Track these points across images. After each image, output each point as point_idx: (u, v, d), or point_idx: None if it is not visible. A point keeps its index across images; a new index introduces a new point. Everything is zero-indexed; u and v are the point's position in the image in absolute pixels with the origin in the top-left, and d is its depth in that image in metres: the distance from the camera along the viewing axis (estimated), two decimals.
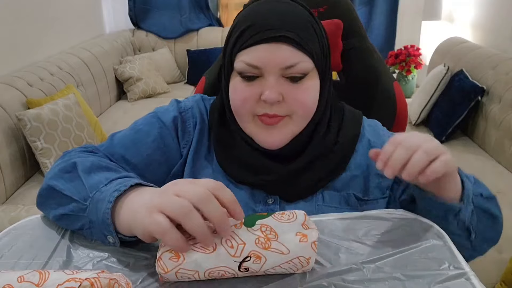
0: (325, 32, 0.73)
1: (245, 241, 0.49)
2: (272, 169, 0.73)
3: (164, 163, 0.77)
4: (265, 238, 0.49)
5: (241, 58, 0.68)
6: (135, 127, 0.78)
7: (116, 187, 0.58)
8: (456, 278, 0.50)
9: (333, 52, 1.12)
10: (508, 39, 2.57)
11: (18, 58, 2.42)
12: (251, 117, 0.70)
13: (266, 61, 0.66)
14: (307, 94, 0.69)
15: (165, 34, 3.77)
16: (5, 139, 1.92)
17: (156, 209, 0.50)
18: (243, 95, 0.69)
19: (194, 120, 0.79)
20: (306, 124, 0.72)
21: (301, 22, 0.68)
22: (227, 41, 0.72)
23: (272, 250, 0.49)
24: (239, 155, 0.74)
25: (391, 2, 3.55)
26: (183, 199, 0.49)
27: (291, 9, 0.68)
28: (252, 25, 0.66)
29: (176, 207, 0.48)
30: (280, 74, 0.67)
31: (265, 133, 0.71)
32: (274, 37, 0.65)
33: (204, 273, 0.50)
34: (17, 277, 0.44)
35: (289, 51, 0.66)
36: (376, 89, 1.09)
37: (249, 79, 0.68)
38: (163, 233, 0.48)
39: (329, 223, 0.62)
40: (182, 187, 0.51)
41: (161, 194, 0.52)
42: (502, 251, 1.55)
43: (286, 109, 0.69)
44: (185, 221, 0.48)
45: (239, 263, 0.49)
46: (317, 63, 0.69)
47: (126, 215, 0.55)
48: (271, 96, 0.66)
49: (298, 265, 0.50)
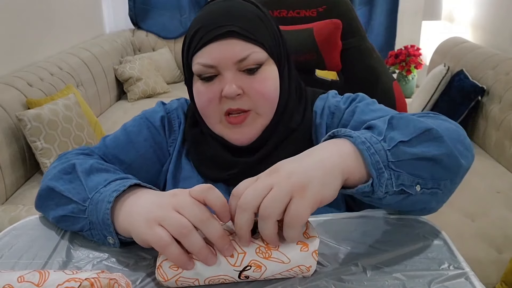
0: (274, 20, 0.75)
1: (245, 250, 0.49)
2: (239, 162, 0.74)
3: (157, 161, 0.80)
4: (266, 247, 0.49)
5: (196, 60, 0.70)
6: (126, 129, 0.81)
7: (115, 188, 0.58)
8: (456, 278, 0.50)
9: (332, 52, 1.12)
10: (508, 39, 2.57)
11: (18, 58, 2.42)
12: (218, 117, 0.72)
13: (219, 59, 0.68)
14: (266, 83, 0.70)
15: (165, 34, 3.78)
16: (5, 139, 1.92)
17: (156, 221, 0.49)
18: (205, 96, 0.71)
19: (179, 120, 0.82)
20: (274, 114, 0.73)
21: (246, 15, 0.69)
22: (183, 47, 0.74)
23: (272, 260, 0.49)
24: (210, 153, 0.76)
25: (391, 2, 3.55)
26: (183, 217, 0.48)
27: (235, 5, 0.70)
28: (201, 26, 0.69)
29: (177, 226, 0.48)
30: (236, 68, 0.69)
31: (234, 131, 0.72)
32: (221, 34, 0.67)
33: (204, 281, 0.50)
34: (17, 277, 0.44)
35: (239, 44, 0.68)
36: (376, 89, 1.09)
37: (208, 80, 0.70)
38: (164, 247, 0.48)
39: (329, 223, 0.62)
40: (182, 202, 0.50)
41: (160, 207, 0.51)
42: (502, 251, 1.55)
43: (249, 102, 0.70)
44: (185, 240, 0.48)
45: (239, 272, 0.49)
46: (270, 52, 0.71)
47: (124, 218, 0.56)
48: (230, 90, 0.67)
49: (298, 272, 0.50)
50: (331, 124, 0.76)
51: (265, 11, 0.74)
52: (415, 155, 0.53)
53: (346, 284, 0.50)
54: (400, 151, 0.52)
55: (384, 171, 0.51)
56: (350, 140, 0.53)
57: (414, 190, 0.54)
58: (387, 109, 0.72)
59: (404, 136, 0.53)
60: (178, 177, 0.80)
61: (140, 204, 0.55)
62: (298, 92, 0.79)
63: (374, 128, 0.56)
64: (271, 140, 0.74)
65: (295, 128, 0.75)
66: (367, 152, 0.51)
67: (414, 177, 0.53)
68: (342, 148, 0.52)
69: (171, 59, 3.72)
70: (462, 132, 0.60)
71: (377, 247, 0.56)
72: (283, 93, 0.74)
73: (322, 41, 1.10)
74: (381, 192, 0.52)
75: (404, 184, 0.53)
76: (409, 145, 0.53)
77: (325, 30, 1.09)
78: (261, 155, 0.73)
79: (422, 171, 0.54)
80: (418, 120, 0.56)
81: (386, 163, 0.51)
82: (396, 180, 0.52)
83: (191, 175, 0.79)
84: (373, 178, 0.51)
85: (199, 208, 0.49)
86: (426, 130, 0.54)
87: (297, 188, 0.46)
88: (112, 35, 3.60)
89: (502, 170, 2.09)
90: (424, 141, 0.54)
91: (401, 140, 0.53)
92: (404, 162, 0.52)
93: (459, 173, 0.58)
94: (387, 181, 0.51)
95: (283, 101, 0.74)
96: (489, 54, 2.50)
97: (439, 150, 0.54)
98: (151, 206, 0.52)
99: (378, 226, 0.61)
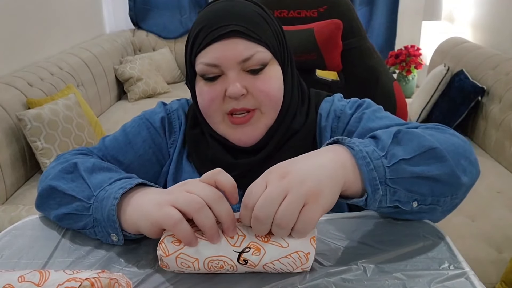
0: (277, 21, 0.74)
1: (245, 233, 0.50)
2: (240, 164, 0.74)
3: (156, 163, 0.80)
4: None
5: (200, 60, 0.69)
6: (125, 130, 0.80)
7: (122, 185, 0.59)
8: (456, 278, 0.50)
9: (333, 52, 1.12)
10: (508, 39, 2.57)
11: (19, 58, 2.42)
12: (220, 116, 0.71)
13: (223, 58, 0.67)
14: (270, 83, 0.70)
15: (165, 34, 3.78)
16: (6, 139, 1.92)
17: (167, 203, 0.51)
18: (208, 96, 0.70)
19: (179, 121, 0.82)
20: (278, 114, 0.73)
21: (249, 15, 0.69)
22: (186, 47, 0.73)
23: (271, 243, 0.50)
24: (210, 155, 0.76)
25: (391, 2, 3.55)
26: (195, 196, 0.50)
27: (238, 5, 0.70)
28: (204, 26, 0.68)
29: (189, 201, 0.49)
30: (240, 68, 0.68)
31: (238, 131, 0.72)
32: (225, 33, 0.66)
33: (204, 262, 0.50)
34: (18, 277, 0.44)
35: (243, 44, 0.67)
36: (376, 89, 1.09)
37: (211, 80, 0.69)
38: (174, 224, 0.49)
39: (329, 223, 0.62)
40: (193, 186, 0.52)
41: (170, 192, 0.53)
42: (502, 251, 1.55)
43: (253, 101, 0.70)
44: (197, 215, 0.49)
45: (238, 253, 0.49)
46: (274, 52, 0.70)
47: (133, 211, 0.56)
48: (235, 90, 0.67)
49: (297, 261, 0.50)
50: (336, 128, 0.76)
51: (268, 11, 0.73)
52: (415, 173, 0.53)
53: (346, 284, 0.50)
54: (400, 168, 0.53)
55: (379, 187, 0.52)
56: (351, 153, 0.54)
57: (410, 206, 0.55)
58: (393, 117, 0.73)
59: (407, 153, 0.54)
60: (178, 178, 0.79)
61: (149, 198, 0.56)
62: (301, 93, 0.78)
63: (378, 140, 0.57)
64: (272, 141, 0.73)
65: (298, 129, 0.75)
66: (366, 168, 0.52)
67: (412, 194, 0.54)
68: (344, 159, 0.53)
69: (172, 59, 3.72)
70: (468, 147, 0.61)
71: (377, 247, 0.56)
72: (287, 93, 0.74)
73: (322, 41, 1.10)
74: (374, 206, 0.54)
75: (399, 201, 0.54)
76: (410, 164, 0.53)
77: (325, 30, 1.09)
78: (263, 156, 0.73)
79: (421, 188, 0.54)
80: (424, 137, 0.56)
81: (383, 179, 0.52)
82: (391, 196, 0.53)
83: (192, 176, 0.78)
84: (367, 194, 0.52)
85: (210, 189, 0.51)
86: (430, 148, 0.55)
87: (311, 195, 0.47)
88: (112, 35, 3.60)
89: (502, 170, 2.09)
90: (427, 159, 0.54)
91: (402, 158, 0.53)
92: (402, 180, 0.53)
93: (460, 189, 0.58)
94: (381, 196, 0.53)
95: (287, 102, 0.74)
96: (489, 54, 2.50)
97: (441, 170, 0.55)
98: (161, 194, 0.54)
99: (378, 226, 0.61)
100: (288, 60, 0.75)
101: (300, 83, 0.79)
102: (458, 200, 0.59)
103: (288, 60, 0.75)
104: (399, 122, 0.68)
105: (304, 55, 1.13)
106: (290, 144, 0.74)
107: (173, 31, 3.77)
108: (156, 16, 3.77)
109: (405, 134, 0.57)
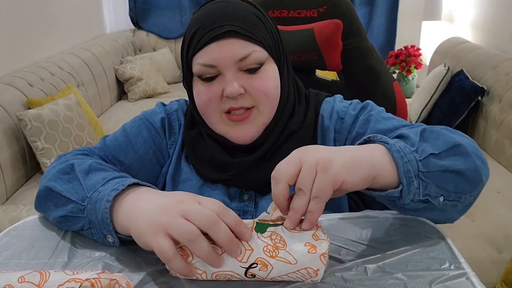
0: (272, 20, 0.75)
1: (253, 247, 0.49)
2: (238, 163, 0.74)
3: (156, 163, 0.80)
4: (273, 247, 0.49)
5: (196, 61, 0.69)
6: (125, 130, 0.80)
7: (114, 187, 0.58)
8: (457, 278, 0.50)
9: (333, 52, 1.12)
10: (508, 39, 2.56)
11: (19, 58, 2.42)
12: (218, 115, 0.71)
13: (219, 58, 0.67)
14: (267, 82, 0.70)
15: (165, 34, 3.78)
16: (6, 139, 1.92)
17: (162, 230, 0.49)
18: (206, 96, 0.70)
19: (179, 122, 0.82)
20: (275, 112, 0.73)
21: (244, 15, 0.69)
22: (182, 49, 0.73)
23: (279, 259, 0.48)
24: (208, 154, 0.76)
25: (391, 2, 3.55)
26: (190, 224, 0.48)
27: (234, 5, 0.70)
28: (199, 27, 0.68)
29: (183, 232, 0.48)
30: (237, 68, 0.68)
31: (237, 129, 0.72)
32: (221, 34, 0.67)
33: (212, 275, 0.50)
34: (18, 277, 0.44)
35: (239, 43, 0.67)
36: (376, 89, 1.09)
37: (209, 80, 0.69)
38: (168, 260, 0.49)
39: (329, 223, 0.62)
40: (189, 207, 0.50)
41: (166, 213, 0.51)
42: (502, 251, 1.55)
43: (251, 100, 0.70)
44: (192, 247, 0.48)
45: (245, 269, 0.49)
46: (270, 51, 0.71)
47: (124, 218, 0.56)
48: (233, 90, 0.67)
49: (306, 275, 0.49)
50: (340, 129, 0.76)
51: (262, 11, 0.74)
52: (444, 167, 0.56)
53: (347, 284, 0.50)
54: (430, 163, 0.56)
55: (414, 180, 0.54)
56: (386, 147, 0.56)
57: (438, 200, 0.57)
58: (398, 118, 0.74)
59: (435, 149, 0.57)
60: (177, 179, 0.79)
61: (142, 206, 0.55)
62: (297, 92, 0.78)
63: (406, 139, 0.60)
64: (269, 139, 0.73)
65: (296, 129, 0.75)
66: (401, 161, 0.54)
67: (439, 189, 0.57)
68: (376, 150, 0.56)
69: (172, 59, 3.72)
70: (479, 149, 0.64)
71: (378, 247, 0.56)
72: (283, 92, 0.74)
73: (322, 41, 1.10)
74: (408, 199, 0.55)
75: (429, 195, 0.56)
76: (439, 158, 0.57)
77: (325, 30, 1.09)
78: (260, 155, 0.73)
79: (447, 183, 0.57)
80: (447, 134, 0.60)
81: (417, 172, 0.55)
82: (423, 190, 0.55)
83: (190, 177, 0.78)
84: (403, 185, 0.54)
85: (206, 212, 0.49)
86: (455, 145, 0.58)
87: (321, 162, 0.50)
88: (112, 35, 3.60)
89: (502, 170, 2.09)
90: (453, 155, 0.58)
91: (432, 153, 0.56)
92: (433, 173, 0.56)
93: (478, 187, 0.61)
94: (415, 190, 0.55)
95: (283, 100, 0.74)
96: (489, 54, 2.50)
97: (466, 165, 0.58)
98: (156, 211, 0.52)
99: (379, 226, 0.61)
100: (284, 59, 0.75)
101: (296, 82, 0.80)
102: (473, 199, 0.62)
103: (284, 59, 0.75)
104: (405, 124, 0.70)
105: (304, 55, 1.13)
106: (288, 143, 0.74)
107: (174, 31, 3.77)
108: (157, 16, 3.77)
109: (430, 132, 0.61)
